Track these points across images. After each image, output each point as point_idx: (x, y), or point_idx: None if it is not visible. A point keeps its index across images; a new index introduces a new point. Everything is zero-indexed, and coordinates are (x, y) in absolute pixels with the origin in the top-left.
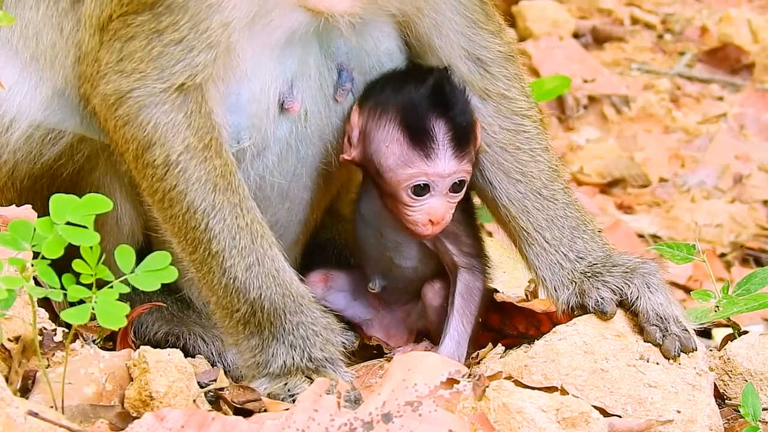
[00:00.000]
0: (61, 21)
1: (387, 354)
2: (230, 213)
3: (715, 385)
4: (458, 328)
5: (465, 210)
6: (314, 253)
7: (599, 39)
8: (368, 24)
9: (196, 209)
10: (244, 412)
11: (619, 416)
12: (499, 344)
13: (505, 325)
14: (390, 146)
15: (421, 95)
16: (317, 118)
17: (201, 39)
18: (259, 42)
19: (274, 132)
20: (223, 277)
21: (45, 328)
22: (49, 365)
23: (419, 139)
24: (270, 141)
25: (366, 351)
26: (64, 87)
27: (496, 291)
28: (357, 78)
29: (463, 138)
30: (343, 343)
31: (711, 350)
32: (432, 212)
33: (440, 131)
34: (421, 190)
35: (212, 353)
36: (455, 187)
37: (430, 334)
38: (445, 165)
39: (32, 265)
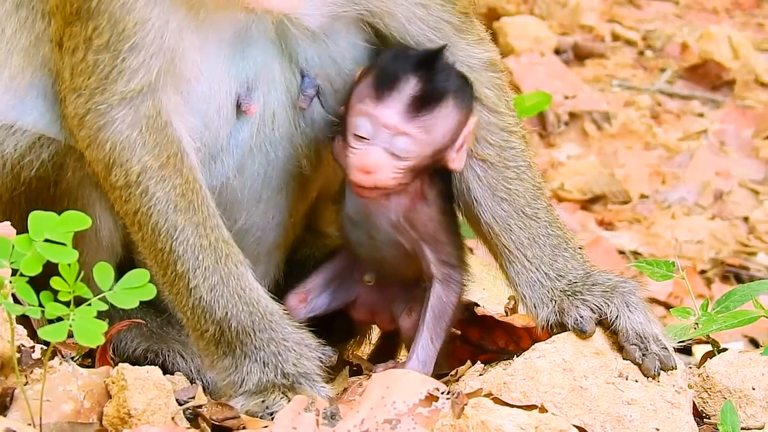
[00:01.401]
0: (3, 22)
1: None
2: (193, 233)
3: (693, 402)
4: (426, 346)
5: (447, 216)
6: (294, 270)
7: (580, 55)
8: (332, 31)
9: (160, 231)
10: (223, 430)
11: None
12: (479, 361)
13: (484, 339)
14: (360, 89)
15: (410, 54)
16: (285, 121)
17: (122, 40)
18: (200, 42)
19: (234, 134)
20: (190, 297)
21: (23, 345)
22: (27, 382)
23: (382, 81)
24: (227, 143)
25: (343, 366)
26: (9, 85)
27: (477, 305)
28: (324, 86)
29: (426, 102)
30: (320, 357)
31: (690, 367)
32: (365, 158)
33: (405, 84)
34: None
35: (191, 370)
36: (399, 150)
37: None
38: (390, 114)
39: (10, 282)
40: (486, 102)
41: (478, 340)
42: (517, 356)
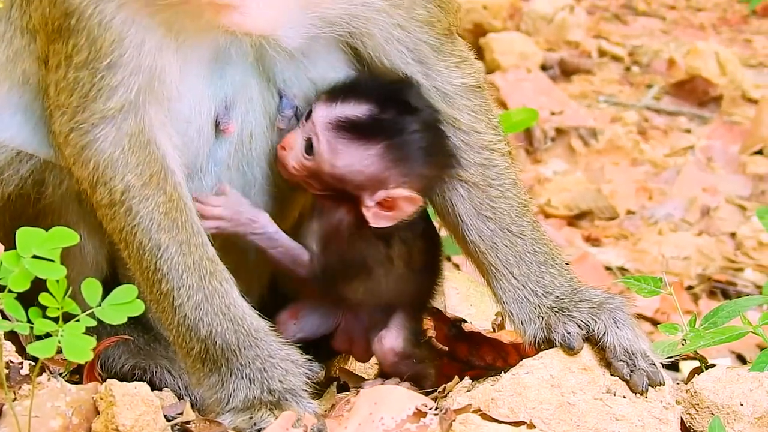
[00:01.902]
0: None
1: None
2: (177, 252)
3: (681, 418)
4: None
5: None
6: (279, 288)
7: (567, 71)
8: (311, 52)
9: (145, 249)
10: None
11: None
12: (466, 377)
13: (472, 355)
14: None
15: (395, 88)
16: (263, 141)
17: (99, 58)
18: (179, 62)
19: (212, 153)
20: (175, 316)
21: (12, 362)
22: (15, 398)
23: (344, 88)
24: (206, 162)
25: (331, 382)
26: None
27: (464, 321)
28: (302, 107)
29: (351, 129)
30: (306, 374)
31: (678, 383)
32: (289, 135)
33: (356, 104)
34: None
35: (179, 386)
36: (309, 147)
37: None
38: (321, 113)
39: None
40: (461, 125)
41: (466, 356)
42: (505, 372)
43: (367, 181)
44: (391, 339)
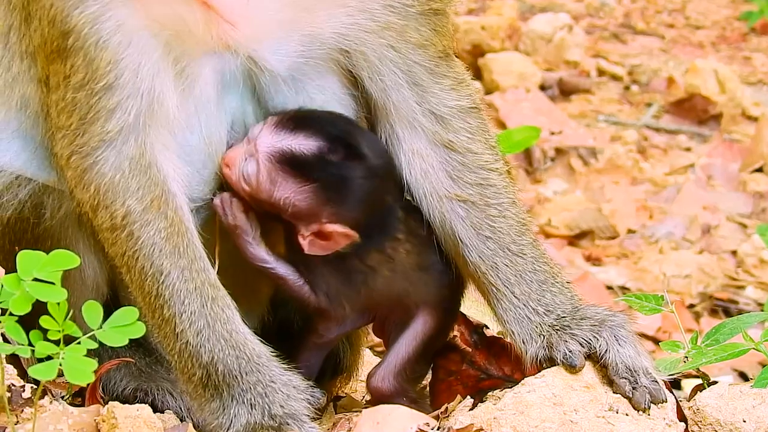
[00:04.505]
0: None
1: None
2: (179, 277)
3: None
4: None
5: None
6: (279, 310)
7: (566, 91)
8: (303, 74)
9: (146, 274)
10: None
11: None
12: (468, 397)
13: (491, 364)
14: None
15: (344, 128)
16: None
17: (95, 79)
18: (179, 88)
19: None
20: (177, 341)
21: (13, 385)
22: (18, 421)
23: (298, 119)
24: (206, 193)
25: (330, 402)
26: None
27: (486, 327)
28: None
29: (293, 162)
30: (308, 399)
31: (680, 401)
32: (230, 151)
33: (307, 137)
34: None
35: (181, 408)
36: (245, 169)
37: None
38: (265, 138)
39: (0, 322)
40: (456, 147)
41: (485, 364)
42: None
43: (301, 213)
44: (377, 380)
